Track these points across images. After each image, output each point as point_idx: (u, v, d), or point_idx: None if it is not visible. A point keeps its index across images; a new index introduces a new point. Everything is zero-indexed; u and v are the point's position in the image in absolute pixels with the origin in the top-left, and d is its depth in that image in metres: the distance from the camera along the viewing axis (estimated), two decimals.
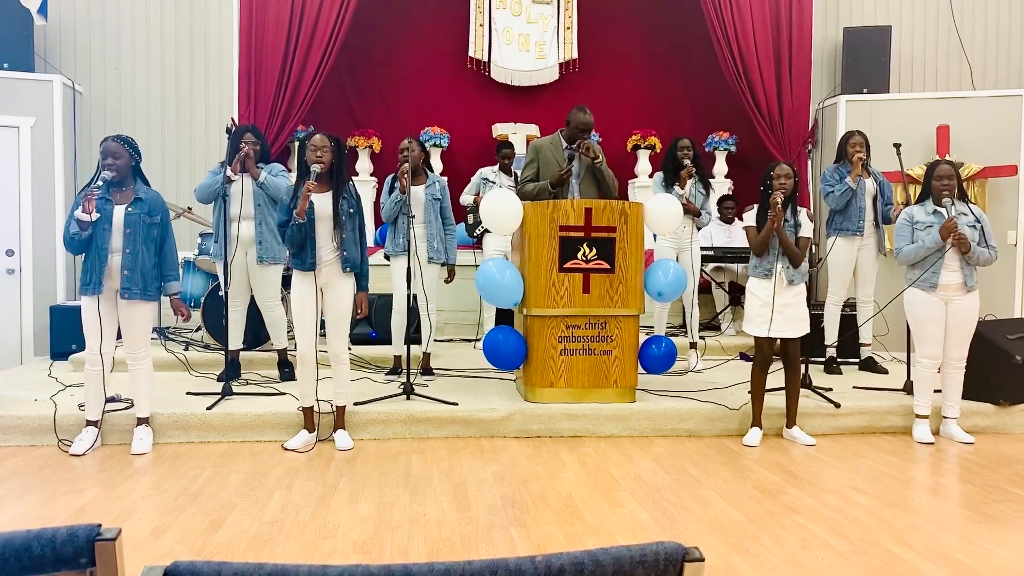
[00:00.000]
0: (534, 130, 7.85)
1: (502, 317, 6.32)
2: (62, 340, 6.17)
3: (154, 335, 6.30)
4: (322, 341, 4.49)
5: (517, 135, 7.75)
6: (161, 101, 7.41)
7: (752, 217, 4.63)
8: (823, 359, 6.00)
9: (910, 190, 6.59)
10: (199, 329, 6.40)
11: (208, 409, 4.63)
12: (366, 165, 7.86)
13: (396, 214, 5.43)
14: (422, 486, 3.79)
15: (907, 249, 4.66)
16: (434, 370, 5.78)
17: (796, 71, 7.49)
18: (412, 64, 8.09)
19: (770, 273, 4.51)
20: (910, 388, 5.08)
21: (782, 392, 4.70)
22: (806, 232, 4.57)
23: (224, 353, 5.28)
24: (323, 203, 4.27)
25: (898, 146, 5.66)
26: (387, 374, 5.73)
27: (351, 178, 4.48)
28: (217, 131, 7.37)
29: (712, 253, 7.01)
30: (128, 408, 4.57)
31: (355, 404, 4.70)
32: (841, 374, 5.89)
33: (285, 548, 3.03)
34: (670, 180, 5.76)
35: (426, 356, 5.77)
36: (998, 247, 4.73)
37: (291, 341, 5.55)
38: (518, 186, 5.48)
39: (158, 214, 4.30)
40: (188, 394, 4.97)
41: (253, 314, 5.48)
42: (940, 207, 4.62)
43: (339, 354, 4.44)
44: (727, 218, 7.39)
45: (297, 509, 3.45)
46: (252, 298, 5.43)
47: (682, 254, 5.84)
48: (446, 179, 5.85)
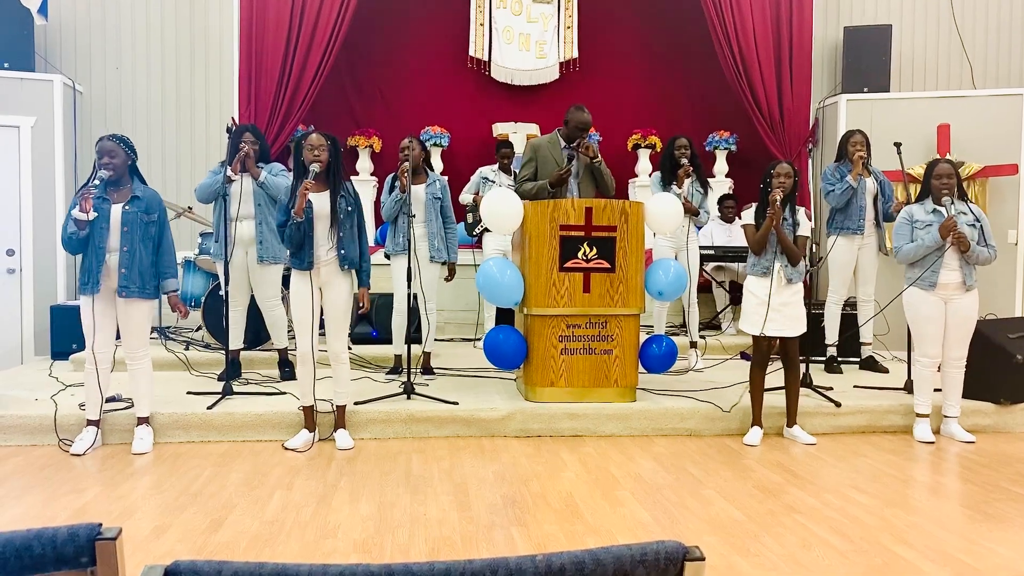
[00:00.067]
0: (534, 129, 7.85)
1: (502, 316, 6.32)
2: (63, 340, 6.17)
3: (155, 335, 6.31)
4: (322, 340, 4.49)
5: (517, 134, 7.74)
6: (161, 101, 7.41)
7: (750, 215, 4.63)
8: (824, 358, 6.00)
9: (910, 189, 6.58)
10: (199, 329, 6.40)
11: (209, 408, 4.63)
12: (366, 165, 7.85)
13: (397, 213, 5.42)
14: (423, 485, 3.79)
15: (906, 248, 4.65)
16: (434, 369, 5.78)
17: (796, 70, 7.49)
18: (412, 63, 8.09)
19: (768, 271, 4.51)
20: (911, 387, 5.08)
21: (782, 391, 4.71)
22: (804, 231, 4.57)
23: (224, 353, 5.29)
24: (321, 202, 4.28)
25: (899, 145, 5.66)
26: (388, 373, 5.73)
27: (350, 178, 4.48)
28: (217, 131, 7.37)
29: (713, 252, 7.01)
30: (128, 408, 4.57)
31: (356, 403, 4.70)
32: (842, 373, 5.89)
33: (286, 547, 3.03)
34: (668, 179, 5.77)
35: (426, 355, 5.77)
36: (999, 246, 4.73)
37: (291, 341, 5.56)
38: (515, 185, 5.46)
39: (155, 212, 4.31)
40: (189, 393, 4.98)
41: (253, 313, 5.48)
42: (940, 206, 4.62)
43: (338, 353, 4.44)
44: (728, 217, 7.38)
45: (298, 508, 3.45)
46: (252, 298, 5.43)
47: (680, 253, 5.84)
48: (446, 178, 5.85)
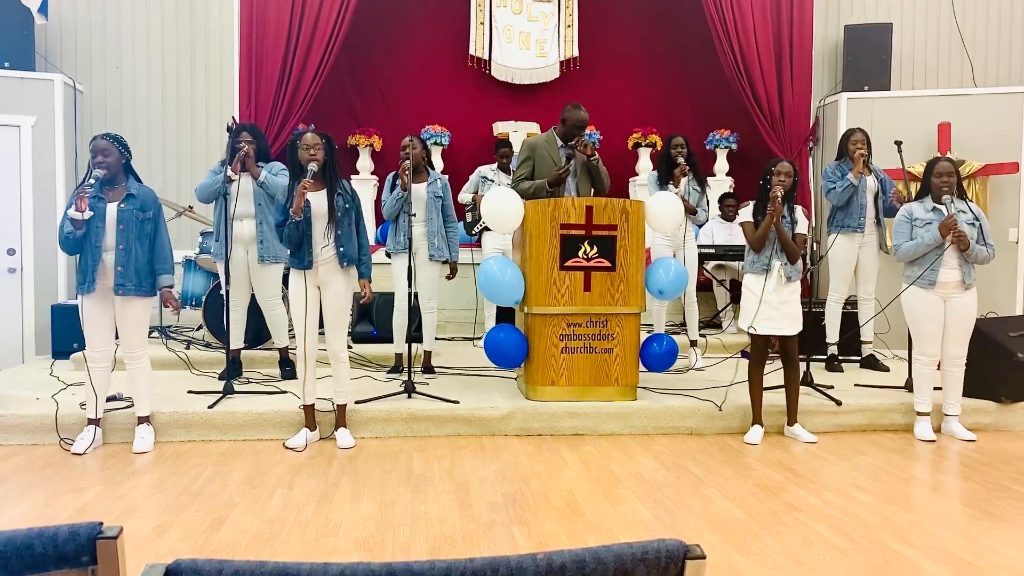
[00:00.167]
0: (535, 128, 7.84)
1: (503, 315, 6.32)
2: (63, 339, 6.17)
3: (156, 334, 6.32)
4: (321, 340, 4.49)
5: (518, 133, 7.73)
6: (162, 100, 7.41)
7: (748, 213, 4.62)
8: (824, 357, 6.00)
9: (911, 187, 6.58)
10: (200, 328, 6.40)
11: (210, 408, 4.63)
12: (367, 164, 7.84)
13: (397, 212, 5.42)
14: (423, 484, 3.79)
15: (906, 246, 4.65)
16: (435, 368, 5.78)
17: (797, 68, 7.48)
18: (412, 63, 8.09)
19: (767, 269, 4.51)
20: (911, 386, 5.08)
21: (783, 390, 4.71)
22: (802, 229, 4.58)
23: (225, 352, 5.29)
24: (318, 200, 4.28)
25: (899, 143, 5.65)
26: (388, 372, 5.73)
27: (349, 177, 4.48)
28: (217, 131, 7.37)
29: (713, 251, 7.01)
30: (129, 407, 4.57)
31: (356, 402, 4.71)
32: (842, 372, 5.89)
33: (287, 546, 3.03)
34: (664, 178, 5.76)
35: (427, 354, 5.77)
36: (999, 245, 4.72)
37: (292, 339, 5.56)
38: (511, 184, 5.43)
39: (150, 209, 4.30)
40: (189, 392, 4.99)
41: (254, 313, 5.48)
42: (939, 204, 4.61)
43: (338, 352, 4.44)
44: (728, 216, 7.38)
45: (299, 507, 3.45)
46: (253, 297, 5.43)
47: (678, 252, 5.84)
48: (447, 177, 5.85)
